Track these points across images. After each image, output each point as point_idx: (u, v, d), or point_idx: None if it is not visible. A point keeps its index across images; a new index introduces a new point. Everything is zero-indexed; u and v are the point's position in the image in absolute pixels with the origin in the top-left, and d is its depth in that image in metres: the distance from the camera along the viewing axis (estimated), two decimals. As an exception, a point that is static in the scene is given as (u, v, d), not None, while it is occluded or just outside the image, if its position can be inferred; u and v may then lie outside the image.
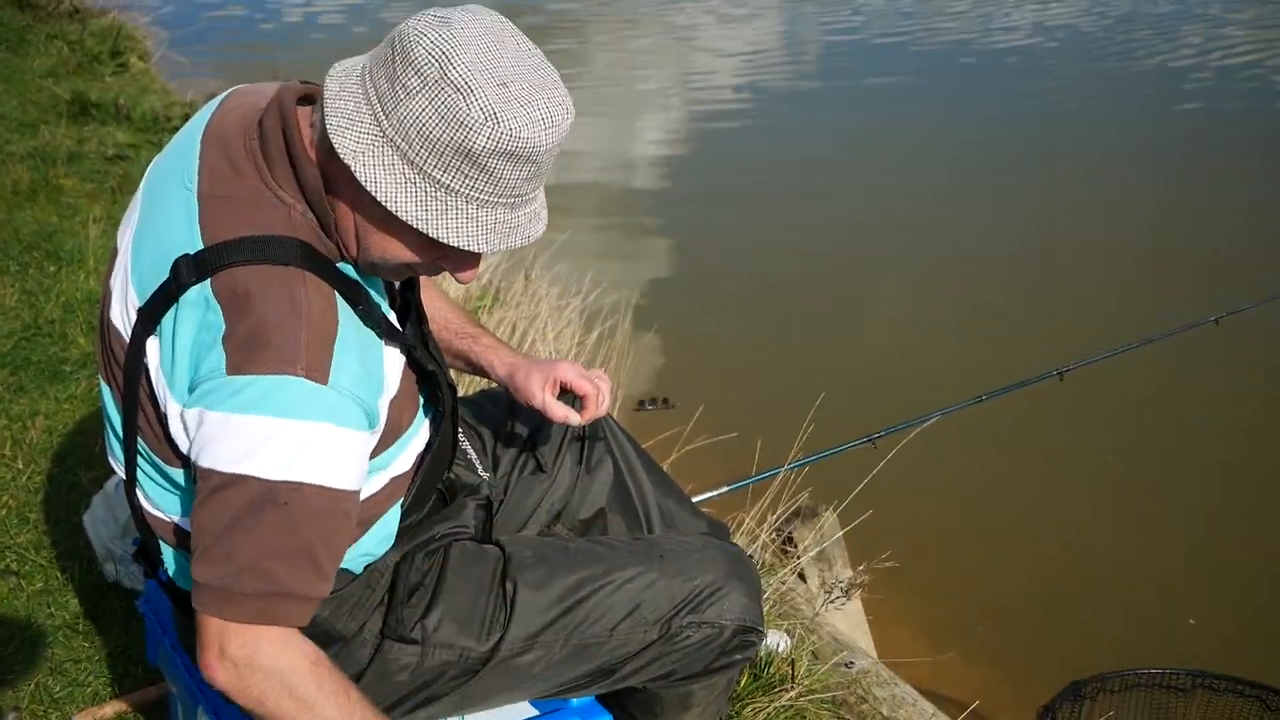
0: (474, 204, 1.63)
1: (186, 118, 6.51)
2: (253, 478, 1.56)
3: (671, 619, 2.08)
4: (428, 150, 1.58)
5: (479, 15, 1.61)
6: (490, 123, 1.55)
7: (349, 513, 1.67)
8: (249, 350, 1.57)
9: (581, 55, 10.50)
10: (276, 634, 1.61)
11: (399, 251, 1.70)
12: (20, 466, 3.41)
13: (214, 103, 1.85)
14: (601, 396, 2.26)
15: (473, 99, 1.55)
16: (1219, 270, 6.55)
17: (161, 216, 1.72)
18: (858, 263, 6.84)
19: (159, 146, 5.95)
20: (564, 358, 3.30)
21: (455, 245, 1.64)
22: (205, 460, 1.59)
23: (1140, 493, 4.88)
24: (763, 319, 6.15)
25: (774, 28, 11.54)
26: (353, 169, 1.59)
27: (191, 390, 1.61)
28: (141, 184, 1.84)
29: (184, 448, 1.67)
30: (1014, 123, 9.06)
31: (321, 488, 1.60)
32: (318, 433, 1.59)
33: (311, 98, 1.76)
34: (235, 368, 1.57)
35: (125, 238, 1.79)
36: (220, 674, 1.60)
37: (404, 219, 1.61)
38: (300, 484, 1.58)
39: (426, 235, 1.63)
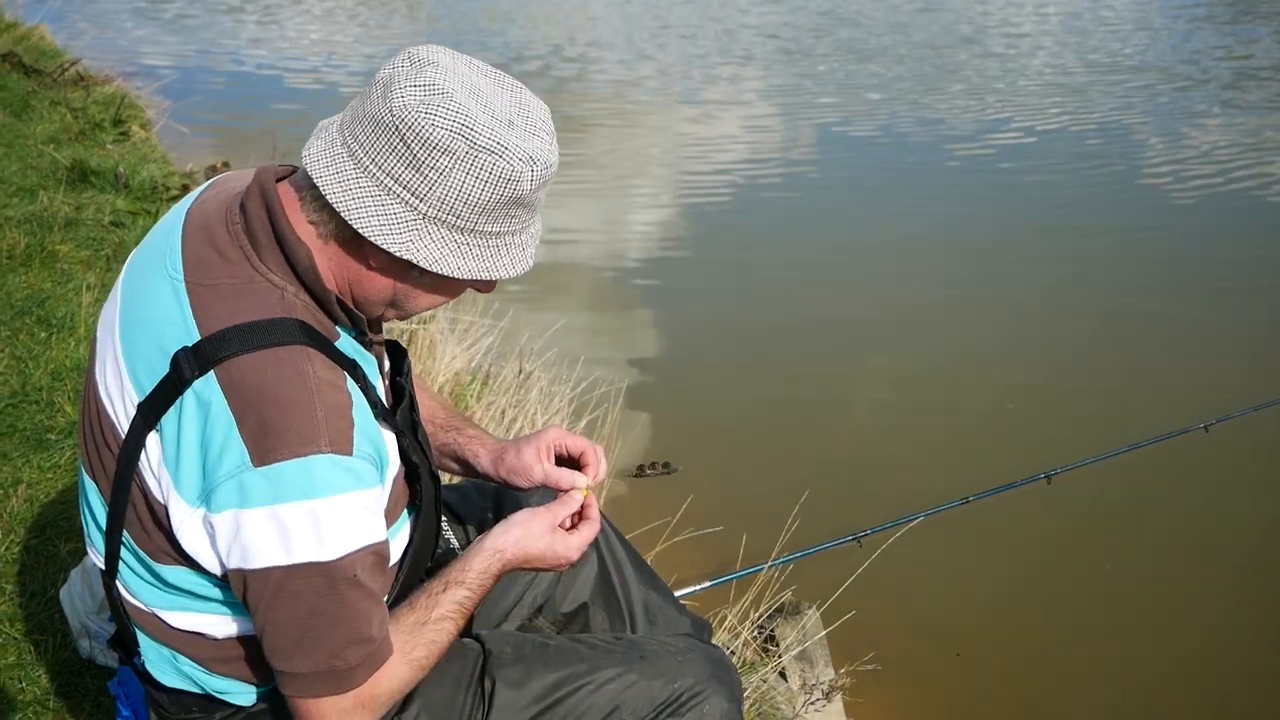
0: (518, 233, 1.74)
1: (185, 188, 6.58)
2: (312, 564, 1.62)
3: (651, 721, 2.06)
4: (477, 213, 1.65)
5: (447, 67, 1.66)
6: (529, 165, 1.64)
7: (387, 556, 1.77)
8: (268, 438, 1.59)
9: (578, 144, 10.57)
10: (380, 671, 1.73)
11: (446, 299, 1.84)
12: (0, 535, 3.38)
13: (194, 193, 1.88)
14: (598, 452, 2.24)
15: (507, 154, 1.62)
16: (1209, 378, 6.56)
17: (150, 308, 1.72)
18: (847, 359, 6.83)
19: (156, 216, 6.01)
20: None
21: (513, 275, 1.74)
22: (258, 560, 1.62)
23: (1129, 598, 4.83)
24: (752, 412, 6.14)
25: (777, 127, 11.64)
26: (413, 260, 1.66)
27: (212, 491, 1.61)
28: (121, 276, 1.85)
29: (201, 549, 1.68)
30: (1009, 227, 9.11)
31: (368, 547, 1.68)
32: (355, 501, 1.65)
33: (288, 177, 1.79)
34: (260, 458, 1.59)
35: (110, 328, 1.79)
36: None
37: (467, 278, 1.71)
38: (353, 553, 1.65)
39: (485, 279, 1.73)
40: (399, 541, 1.93)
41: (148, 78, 10.57)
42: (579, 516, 2.10)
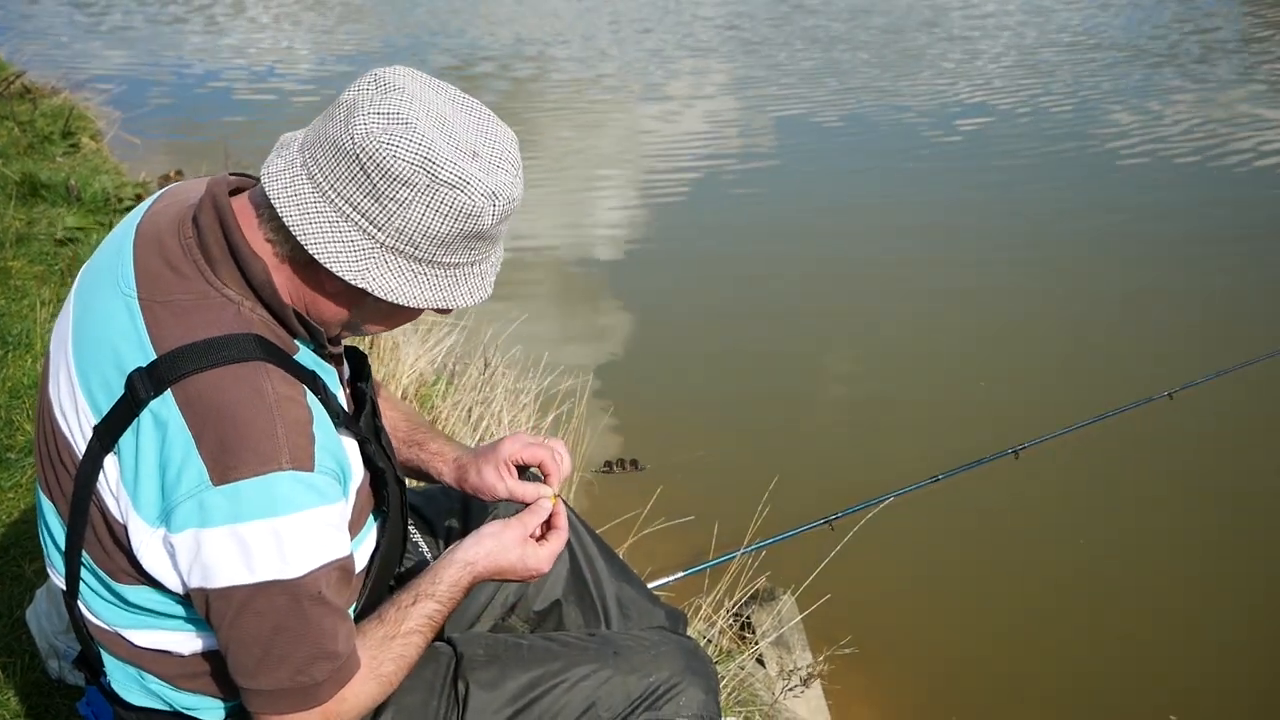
0: (478, 264, 1.72)
1: (138, 198, 6.50)
2: (275, 582, 1.60)
3: (627, 717, 2.05)
4: (436, 245, 1.63)
5: (413, 93, 1.63)
6: (490, 200, 1.62)
7: (352, 570, 1.75)
8: (227, 456, 1.57)
9: (537, 142, 10.55)
10: (346, 687, 1.71)
11: (403, 323, 1.82)
12: (-38, 558, 3.33)
13: (144, 204, 1.84)
14: (559, 457, 2.22)
15: (469, 189, 1.60)
16: (1172, 346, 6.61)
17: (103, 325, 1.69)
18: (811, 344, 6.84)
19: (109, 228, 5.91)
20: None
21: (472, 304, 1.74)
22: (220, 580, 1.60)
23: (1101, 569, 4.86)
24: (718, 401, 6.15)
25: (738, 119, 11.65)
26: (368, 290, 1.64)
27: (172, 511, 1.59)
28: (72, 290, 1.82)
29: (162, 569, 1.66)
30: (970, 204, 9.16)
31: (333, 562, 1.66)
32: (318, 518, 1.63)
33: (242, 189, 1.76)
34: (220, 477, 1.57)
35: (62, 345, 1.76)
36: None
37: (423, 306, 1.69)
38: (317, 570, 1.63)
39: (442, 307, 1.71)
40: (365, 548, 1.91)
41: (93, 89, 10.46)
42: (547, 526, 2.09)
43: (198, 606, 1.66)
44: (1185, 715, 4.19)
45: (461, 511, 2.46)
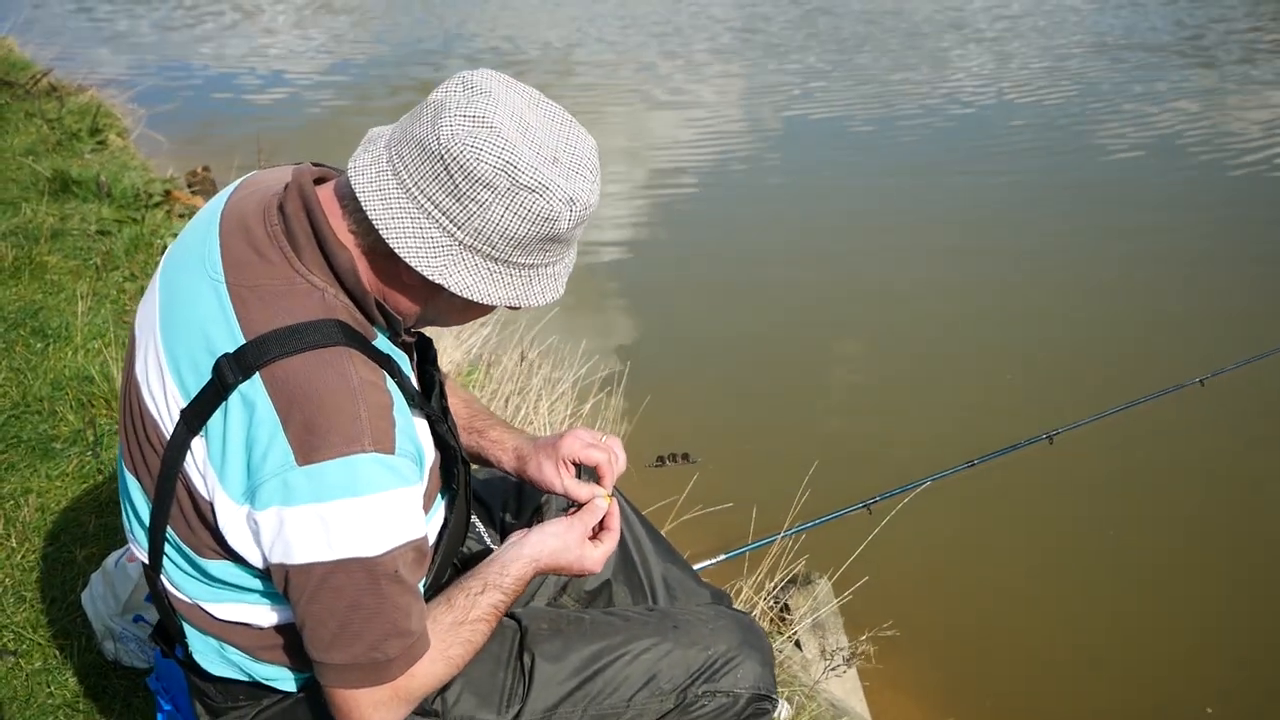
0: (551, 265, 1.76)
1: (168, 194, 6.54)
2: (354, 559, 1.64)
3: (687, 688, 2.09)
4: (512, 246, 1.67)
5: (499, 97, 1.67)
6: (568, 206, 1.66)
7: (426, 550, 1.78)
8: (313, 437, 1.61)
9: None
10: (416, 665, 1.74)
11: (476, 317, 1.87)
12: (14, 545, 3.38)
13: (228, 189, 1.88)
14: (614, 458, 2.24)
15: (548, 194, 1.63)
16: (1204, 333, 6.63)
17: (191, 309, 1.73)
18: (849, 331, 6.88)
19: (141, 223, 5.99)
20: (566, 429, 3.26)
21: (543, 304, 1.77)
22: (301, 556, 1.64)
23: (1134, 553, 4.88)
24: (755, 387, 6.18)
25: (760, 119, 11.68)
26: (445, 285, 1.67)
27: (257, 489, 1.63)
28: (157, 275, 1.86)
29: (245, 545, 1.70)
30: (999, 192, 9.18)
31: (410, 543, 1.70)
32: (397, 499, 1.67)
33: (325, 179, 1.80)
34: (305, 457, 1.61)
35: (150, 328, 1.80)
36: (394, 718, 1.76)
37: (496, 304, 1.73)
38: (395, 549, 1.67)
39: (514, 305, 1.75)
40: (434, 525, 1.95)
41: (120, 85, 10.53)
42: (600, 526, 2.13)
43: (277, 582, 1.70)
44: (1221, 705, 4.21)
45: (515, 497, 2.50)
